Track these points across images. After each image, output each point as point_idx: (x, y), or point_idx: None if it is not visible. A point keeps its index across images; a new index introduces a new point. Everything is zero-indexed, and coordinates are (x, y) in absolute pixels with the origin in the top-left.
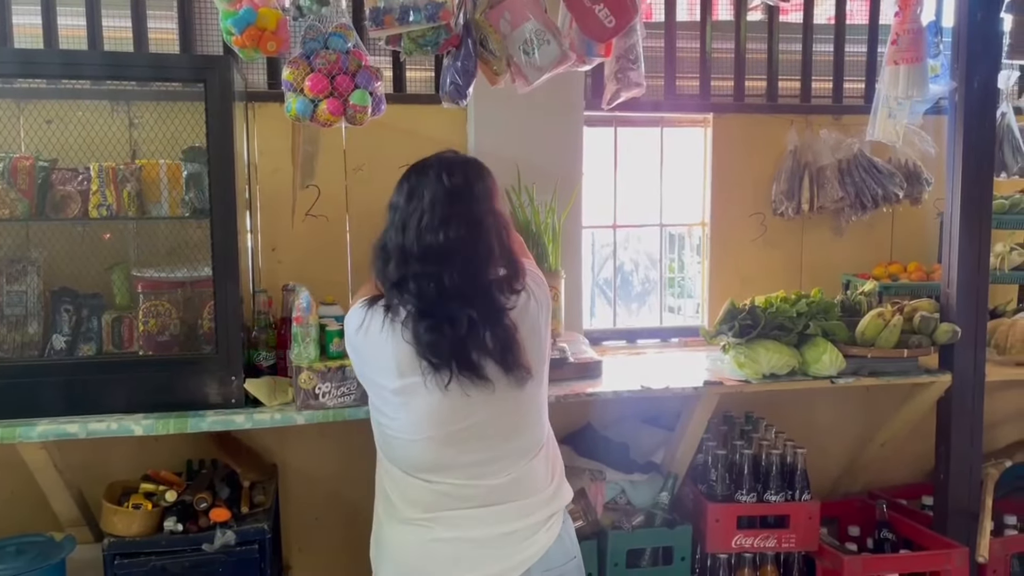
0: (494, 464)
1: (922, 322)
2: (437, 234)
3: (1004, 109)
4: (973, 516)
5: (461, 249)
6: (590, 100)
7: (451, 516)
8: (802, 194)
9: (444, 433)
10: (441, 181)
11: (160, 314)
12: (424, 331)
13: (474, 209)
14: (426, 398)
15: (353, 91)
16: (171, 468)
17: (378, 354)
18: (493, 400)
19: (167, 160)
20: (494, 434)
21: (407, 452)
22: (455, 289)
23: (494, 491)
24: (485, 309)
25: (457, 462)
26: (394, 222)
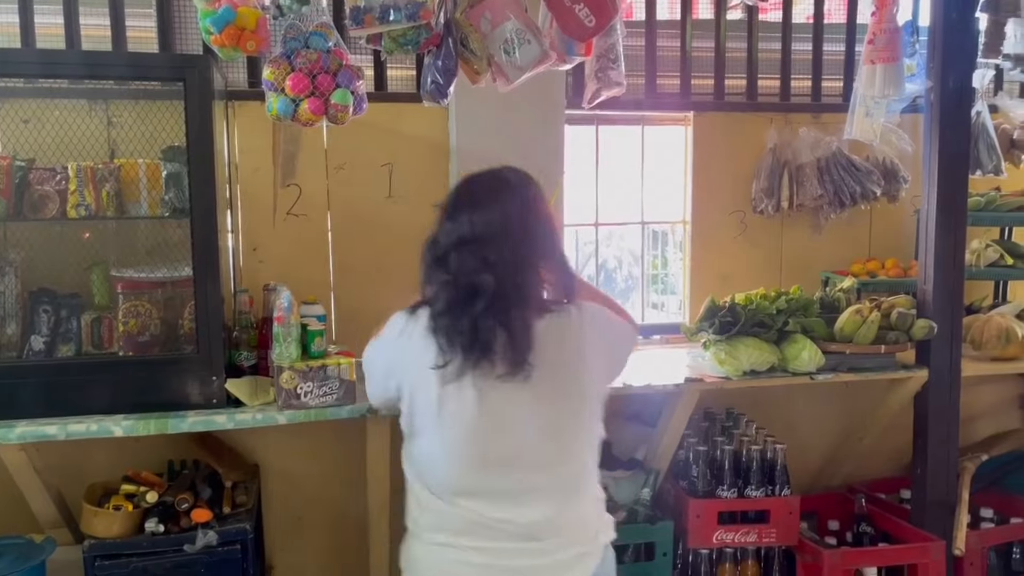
0: (530, 495)
1: (899, 318)
2: (487, 215)
3: (979, 108)
4: (950, 509)
5: (510, 232)
6: (571, 99)
7: (483, 544)
8: (782, 192)
9: (479, 451)
10: (495, 174)
11: (140, 314)
12: (446, 312)
13: (526, 201)
14: (460, 405)
15: (334, 90)
16: (152, 469)
17: (422, 357)
18: (530, 419)
19: (146, 160)
20: (532, 460)
21: (438, 471)
22: (498, 266)
23: (530, 526)
24: (519, 296)
25: (491, 487)
26: (434, 236)
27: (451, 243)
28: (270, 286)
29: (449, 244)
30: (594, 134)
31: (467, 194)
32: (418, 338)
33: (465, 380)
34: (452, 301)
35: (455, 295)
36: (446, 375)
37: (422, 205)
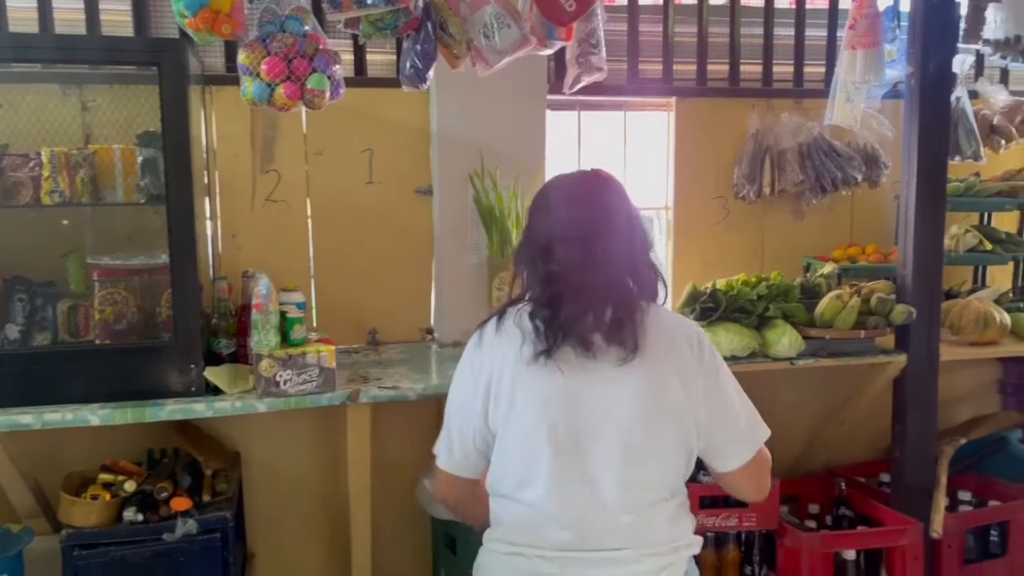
0: (609, 493)
1: (879, 303)
2: (584, 222)
3: (959, 93)
4: (928, 492)
5: (610, 234)
6: (553, 84)
7: (553, 553)
8: (763, 177)
9: (551, 424)
10: (587, 177)
11: (117, 302)
12: (545, 307)
13: (622, 205)
14: (535, 385)
15: (311, 75)
16: (132, 458)
17: (491, 360)
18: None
19: (121, 145)
20: (612, 451)
21: (512, 461)
22: (602, 261)
23: (602, 537)
24: (621, 296)
25: (561, 471)
26: (532, 244)
27: (552, 237)
28: (249, 273)
29: (550, 238)
30: (576, 120)
31: (565, 188)
32: (489, 339)
33: (550, 362)
34: (554, 296)
35: (559, 290)
36: (528, 358)
37: (403, 190)
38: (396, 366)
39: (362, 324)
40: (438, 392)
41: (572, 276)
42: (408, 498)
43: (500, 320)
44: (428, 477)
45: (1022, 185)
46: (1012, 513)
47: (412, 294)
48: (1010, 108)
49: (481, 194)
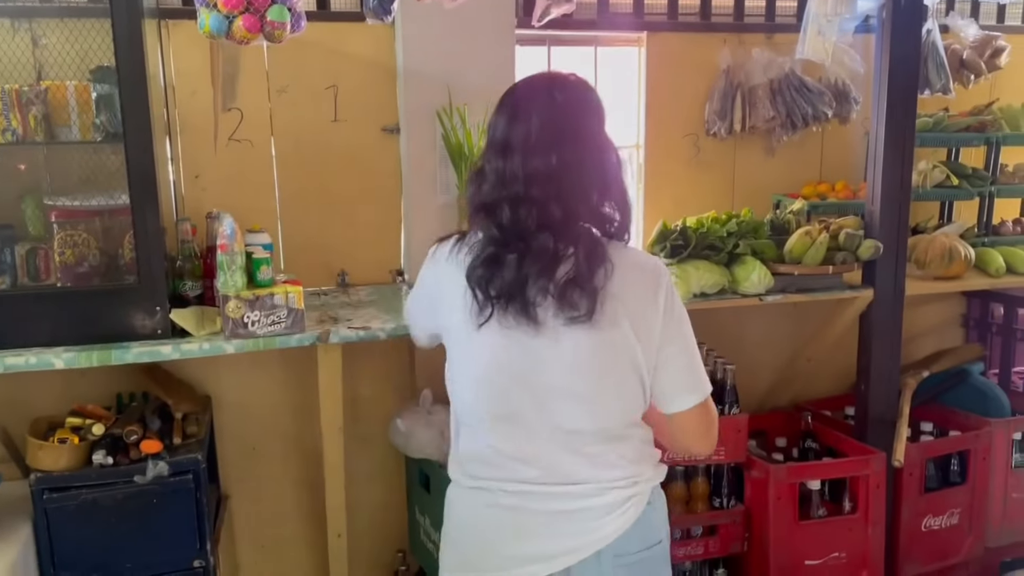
0: (556, 441)
1: (847, 239)
2: (547, 156)
3: (930, 26)
4: (891, 424)
5: (571, 174)
6: (522, 19)
7: (515, 487)
8: (734, 114)
9: (506, 378)
10: (552, 98)
11: (77, 244)
12: (482, 262)
13: (587, 129)
14: (486, 335)
15: (270, 6)
16: (101, 402)
17: (444, 285)
18: (565, 360)
19: (75, 81)
20: (566, 391)
21: (467, 395)
22: (558, 218)
23: (562, 472)
24: (587, 246)
25: (522, 414)
26: (494, 142)
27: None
28: (213, 214)
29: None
30: (546, 55)
31: (527, 99)
32: (441, 262)
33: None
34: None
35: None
36: (482, 317)
37: (369, 128)
38: (366, 307)
39: (331, 266)
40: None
41: (527, 209)
42: (382, 437)
43: (457, 245)
44: (401, 416)
45: (990, 120)
46: (972, 443)
47: (381, 235)
48: (980, 43)
49: (450, 132)
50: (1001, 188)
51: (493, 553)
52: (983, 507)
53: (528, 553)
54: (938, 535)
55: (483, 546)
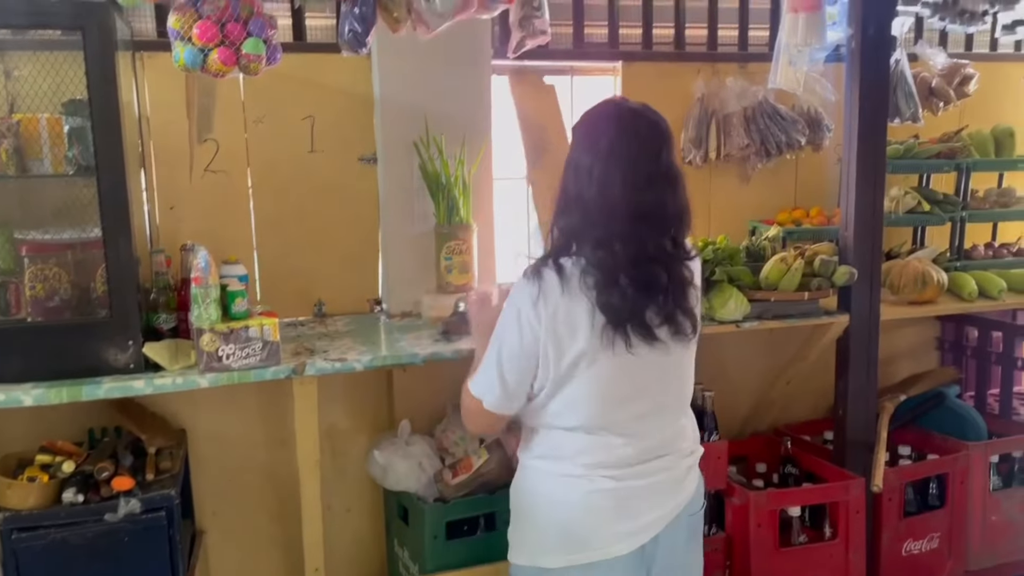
0: (655, 420)
1: (822, 265)
2: (645, 193)
3: (898, 56)
4: (870, 448)
5: (666, 207)
6: (498, 49)
7: (617, 472)
8: (710, 142)
9: (616, 394)
10: (639, 135)
11: (48, 278)
12: (610, 292)
13: (672, 164)
14: (603, 361)
15: (246, 39)
16: (72, 438)
17: (562, 317)
18: (664, 363)
19: (47, 114)
20: (658, 392)
21: (590, 407)
22: (656, 251)
23: (654, 448)
24: (677, 275)
25: (623, 419)
26: (591, 175)
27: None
28: (188, 246)
29: (615, 205)
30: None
31: (619, 135)
32: (555, 298)
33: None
34: (611, 277)
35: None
36: (600, 334)
37: (346, 158)
38: (343, 338)
39: (308, 296)
40: (386, 363)
41: (633, 247)
42: (359, 469)
43: (561, 276)
44: (379, 448)
45: (959, 147)
46: (950, 466)
47: (359, 265)
48: (948, 71)
49: (427, 161)
50: (972, 213)
51: (601, 531)
52: (963, 531)
53: (631, 527)
54: (919, 559)
55: (589, 526)
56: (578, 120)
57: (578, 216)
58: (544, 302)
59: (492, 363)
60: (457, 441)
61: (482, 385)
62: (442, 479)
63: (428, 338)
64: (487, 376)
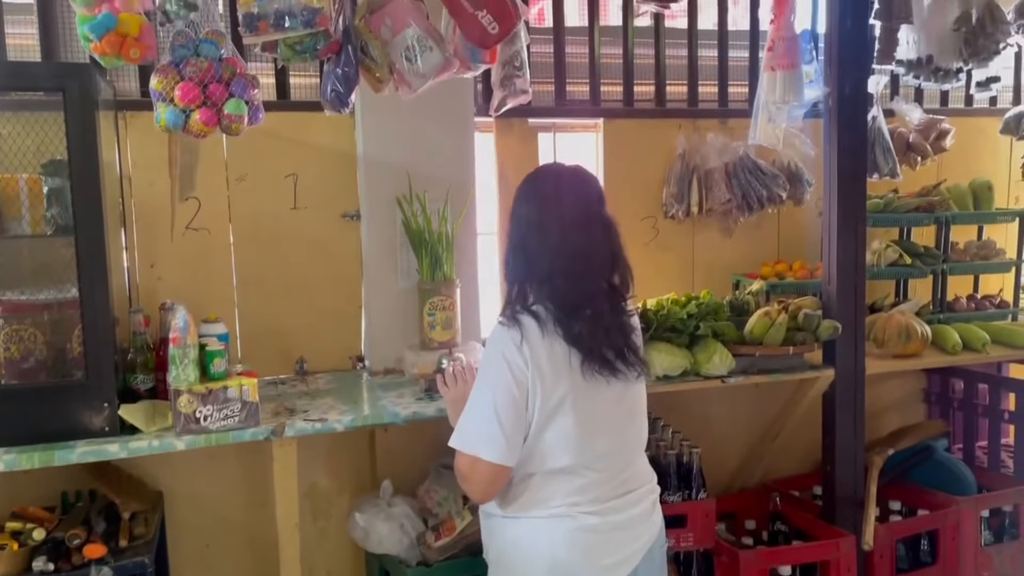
0: (624, 455)
1: (806, 319)
2: (580, 234)
3: (875, 112)
4: (859, 504)
5: (599, 249)
6: (481, 106)
7: (599, 507)
8: (691, 197)
9: (593, 429)
10: (573, 187)
11: (23, 339)
12: (572, 323)
13: (603, 213)
14: (581, 399)
15: (227, 100)
16: (45, 502)
17: (545, 361)
18: (625, 397)
19: (27, 175)
20: (625, 428)
21: (573, 445)
22: (595, 286)
23: (624, 482)
24: (613, 307)
25: (598, 454)
26: (532, 224)
27: (557, 244)
28: (167, 305)
29: (567, 247)
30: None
31: (554, 188)
32: (537, 341)
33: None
34: (574, 311)
35: (577, 306)
36: (585, 370)
37: (330, 215)
38: (324, 396)
39: (289, 353)
40: (367, 423)
41: (572, 281)
42: (340, 531)
43: (538, 320)
44: (360, 510)
45: (938, 200)
46: (940, 521)
47: (341, 321)
48: (925, 126)
49: (410, 218)
50: (953, 266)
51: (587, 567)
52: None
53: (613, 561)
54: None
55: (576, 562)
56: (520, 183)
57: (523, 262)
58: (528, 344)
59: (487, 414)
60: (440, 502)
61: (479, 440)
62: (425, 542)
63: (411, 396)
64: (484, 428)
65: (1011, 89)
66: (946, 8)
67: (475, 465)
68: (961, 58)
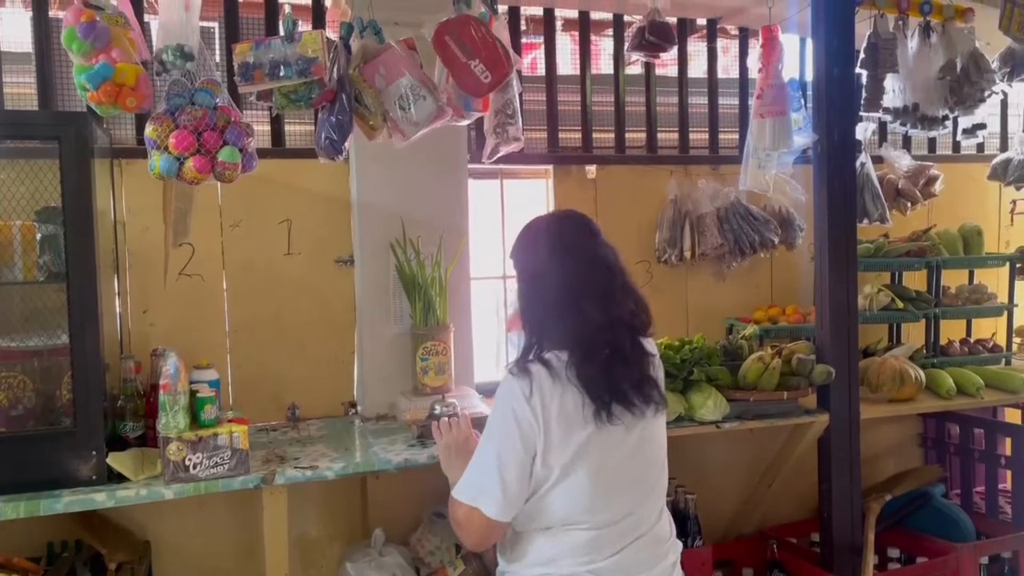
0: (640, 511)
1: (799, 364)
2: (582, 274)
3: (863, 159)
4: (857, 551)
5: (606, 285)
6: (475, 153)
7: (609, 561)
8: (684, 242)
9: (607, 483)
10: (574, 230)
11: (12, 386)
12: (588, 366)
13: (607, 252)
14: (596, 451)
15: (222, 148)
16: (30, 552)
17: (556, 412)
18: (644, 439)
19: (20, 221)
20: (641, 479)
21: (572, 511)
22: (608, 323)
23: (641, 538)
24: (633, 343)
25: (613, 510)
26: (534, 272)
27: (575, 289)
28: (158, 351)
29: (573, 290)
30: (499, 187)
31: (566, 234)
32: (548, 390)
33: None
34: (589, 351)
35: (592, 345)
36: (600, 418)
37: (323, 260)
38: (315, 443)
39: (281, 399)
40: (359, 471)
41: (604, 328)
42: None
43: (549, 368)
44: (351, 560)
45: (928, 245)
46: (939, 569)
47: (334, 367)
48: (914, 172)
49: (404, 263)
50: (945, 310)
51: None
52: None
53: None
54: None
55: None
56: (516, 237)
57: (538, 311)
58: (538, 395)
59: (490, 467)
60: (432, 551)
61: (479, 492)
62: None
63: (403, 442)
64: (486, 481)
65: (997, 136)
66: (931, 57)
67: (472, 515)
68: (947, 106)
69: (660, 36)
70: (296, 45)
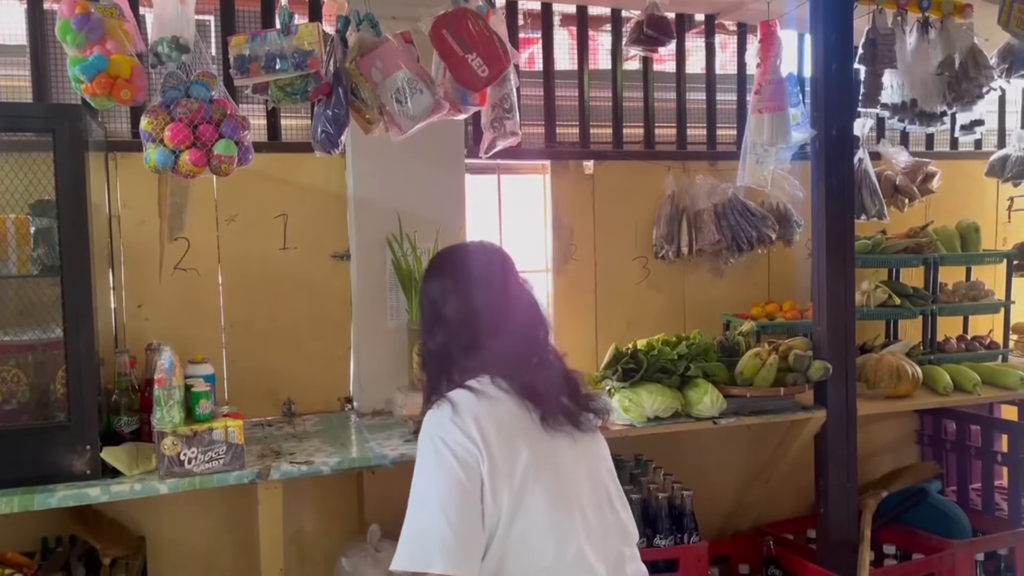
0: (607, 540)
1: (796, 360)
2: (497, 291)
3: (861, 155)
4: (853, 548)
5: (524, 309)
6: (472, 148)
7: None
8: (681, 238)
9: (568, 503)
10: (483, 258)
11: (6, 381)
12: (526, 374)
13: (517, 278)
14: (549, 459)
15: (217, 141)
16: (25, 547)
17: (491, 425)
18: (588, 460)
19: (14, 215)
20: (600, 513)
21: (540, 545)
22: (531, 336)
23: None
24: (556, 355)
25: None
26: (446, 294)
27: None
28: (153, 346)
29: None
30: (496, 182)
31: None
32: (473, 409)
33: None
34: (516, 364)
35: (517, 359)
36: (546, 424)
37: (319, 255)
38: (311, 438)
39: (277, 394)
40: (354, 465)
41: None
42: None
43: (471, 390)
44: (346, 555)
45: (926, 242)
46: (935, 566)
47: (329, 362)
48: (911, 168)
49: (400, 258)
50: (943, 307)
51: None
52: None
53: None
54: None
55: None
56: (426, 267)
57: (444, 336)
58: (467, 415)
59: (428, 511)
60: None
61: (422, 548)
62: None
63: (399, 437)
64: (427, 530)
65: (995, 132)
66: (929, 53)
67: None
68: (945, 102)
69: (658, 30)
70: (292, 38)
